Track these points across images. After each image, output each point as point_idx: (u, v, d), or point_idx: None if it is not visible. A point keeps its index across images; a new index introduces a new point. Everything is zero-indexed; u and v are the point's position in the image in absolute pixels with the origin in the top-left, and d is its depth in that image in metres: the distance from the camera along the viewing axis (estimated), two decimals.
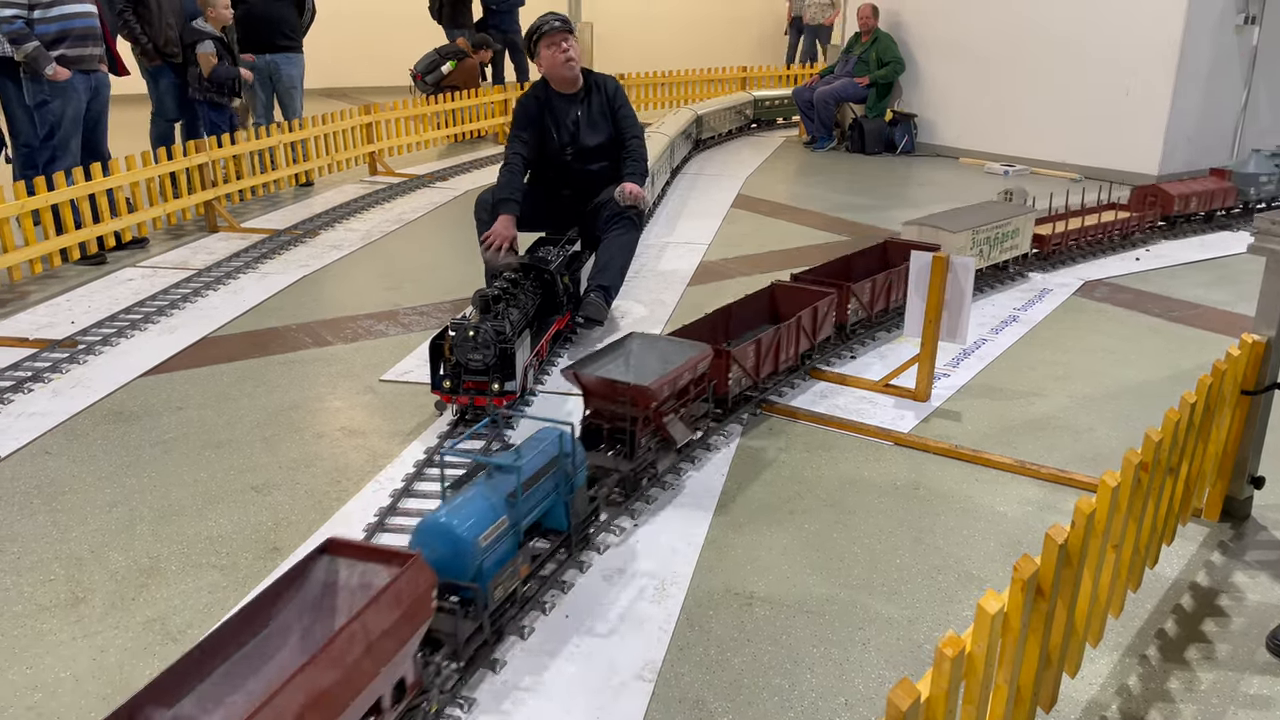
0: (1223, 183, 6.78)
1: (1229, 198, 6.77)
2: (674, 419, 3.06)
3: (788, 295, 4.16)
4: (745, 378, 3.55)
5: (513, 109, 4.71)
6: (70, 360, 4.14)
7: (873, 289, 4.32)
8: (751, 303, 4.06)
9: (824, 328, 4.04)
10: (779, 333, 3.67)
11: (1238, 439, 2.88)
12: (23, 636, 2.42)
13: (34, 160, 5.68)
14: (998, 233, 5.11)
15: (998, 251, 5.19)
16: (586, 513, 2.70)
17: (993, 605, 1.58)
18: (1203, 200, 6.59)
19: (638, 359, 3.23)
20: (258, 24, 7.60)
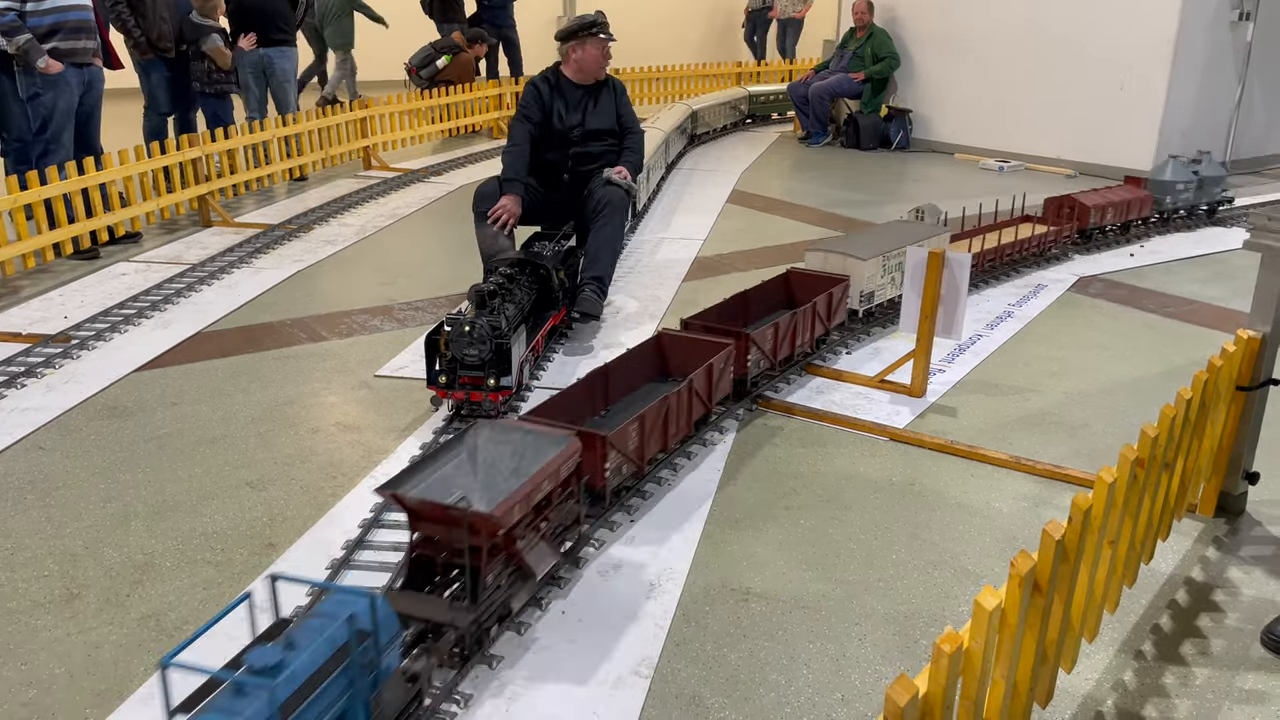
0: (1139, 191, 6.28)
1: (1145, 207, 6.30)
2: (533, 540, 2.40)
3: (678, 348, 3.58)
4: (627, 463, 2.88)
5: (522, 90, 4.77)
6: (64, 355, 4.13)
7: (776, 336, 3.72)
8: (635, 359, 3.49)
9: (719, 387, 3.40)
10: (666, 405, 3.05)
11: (1233, 435, 2.89)
12: (17, 633, 2.41)
13: (27, 154, 5.65)
14: None
15: None
16: (403, 703, 1.97)
17: (990, 601, 1.58)
18: (1119, 211, 6.08)
19: (486, 462, 2.51)
20: (251, 17, 7.59)
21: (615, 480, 2.84)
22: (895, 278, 4.50)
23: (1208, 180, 6.58)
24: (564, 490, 2.54)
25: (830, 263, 4.33)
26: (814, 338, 4.01)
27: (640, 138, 4.93)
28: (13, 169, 5.65)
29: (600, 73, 4.77)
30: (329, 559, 2.70)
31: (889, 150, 9.93)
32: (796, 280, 4.29)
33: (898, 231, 4.70)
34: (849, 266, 4.26)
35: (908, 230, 4.73)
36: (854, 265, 4.25)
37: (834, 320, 4.14)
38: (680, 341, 3.57)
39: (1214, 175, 6.64)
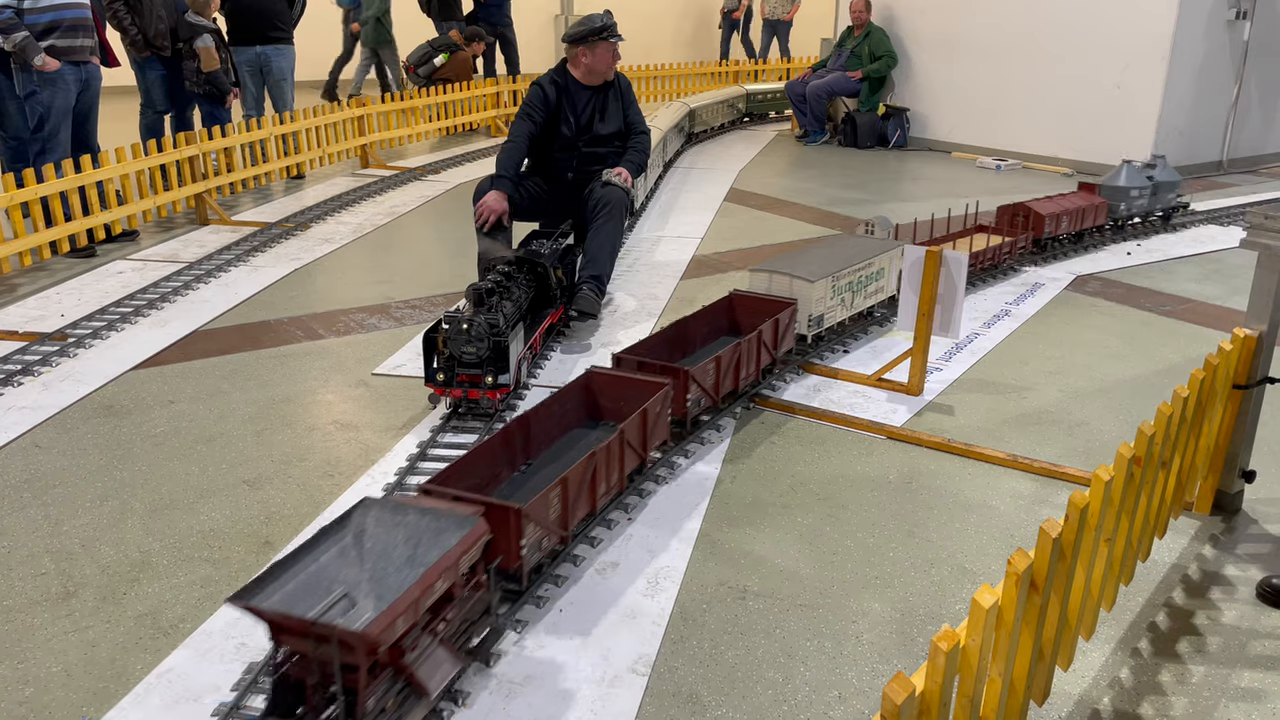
0: (1093, 198, 6.02)
1: (1100, 215, 6.02)
2: (428, 648, 2.00)
3: (610, 388, 3.18)
4: (549, 536, 2.49)
5: (528, 89, 4.74)
6: (60, 353, 4.12)
7: (718, 370, 3.38)
8: (561, 402, 3.06)
9: (655, 432, 3.04)
10: (593, 462, 2.65)
11: (1229, 433, 2.89)
12: (13, 631, 2.41)
13: (24, 152, 5.64)
14: (861, 276, 4.24)
15: (861, 297, 4.31)
16: None
17: (987, 600, 1.58)
18: (1074, 219, 5.83)
19: (375, 550, 2.10)
20: (248, 15, 7.58)
21: (534, 557, 2.42)
22: (846, 299, 4.19)
23: (1162, 185, 6.34)
24: (469, 581, 2.13)
25: (776, 285, 4.00)
26: (760, 368, 3.67)
27: (645, 139, 4.92)
28: (9, 167, 5.64)
29: (609, 74, 4.75)
30: None
31: (886, 149, 9.93)
32: (741, 304, 3.97)
33: (847, 248, 4.39)
34: (796, 289, 3.95)
35: (857, 247, 4.42)
36: (802, 287, 3.94)
37: (781, 348, 3.80)
38: (612, 381, 3.17)
39: (1168, 180, 6.40)
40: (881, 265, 4.41)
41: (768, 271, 4.03)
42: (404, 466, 3.16)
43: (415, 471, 3.14)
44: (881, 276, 4.43)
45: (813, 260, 4.16)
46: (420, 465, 3.17)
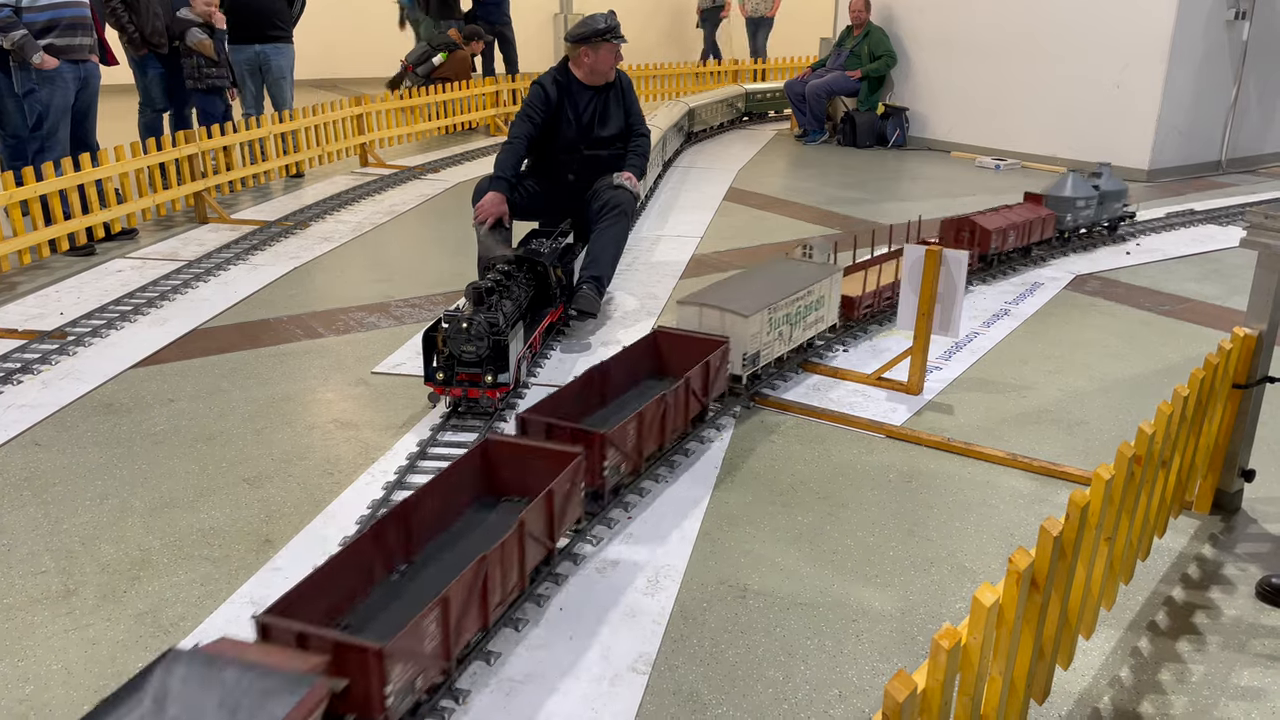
0: (1040, 210, 5.69)
1: (1048, 227, 5.70)
2: None
3: (511, 460, 2.67)
4: (426, 673, 2.02)
5: (529, 88, 4.72)
6: (60, 352, 4.12)
7: (640, 429, 2.91)
8: (454, 479, 2.55)
9: (566, 514, 2.55)
10: (483, 570, 2.16)
11: (1229, 432, 2.89)
12: (13, 629, 2.40)
13: (22, 150, 5.64)
14: (799, 306, 3.84)
15: (800, 329, 3.91)
16: None
17: (988, 598, 1.58)
18: (1021, 232, 5.48)
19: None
20: (248, 13, 7.56)
21: (403, 704, 1.95)
22: (784, 332, 3.78)
23: (1109, 195, 6.06)
24: None
25: (707, 320, 3.59)
26: (689, 419, 3.30)
27: (646, 140, 4.90)
28: (9, 165, 5.64)
29: (611, 75, 4.73)
30: (326, 555, 2.69)
31: (885, 148, 9.93)
32: (666, 343, 3.57)
33: (782, 275, 3.98)
34: (729, 325, 3.55)
35: (794, 274, 3.99)
36: (735, 323, 3.54)
37: (712, 393, 3.40)
38: (514, 451, 2.67)
39: (1115, 189, 6.12)
40: (822, 293, 3.99)
41: (697, 305, 3.62)
42: (404, 465, 3.16)
43: (415, 470, 3.14)
44: (822, 305, 4.02)
45: (746, 291, 3.75)
46: (420, 464, 3.17)
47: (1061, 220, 5.80)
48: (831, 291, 4.09)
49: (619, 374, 3.39)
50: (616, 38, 4.64)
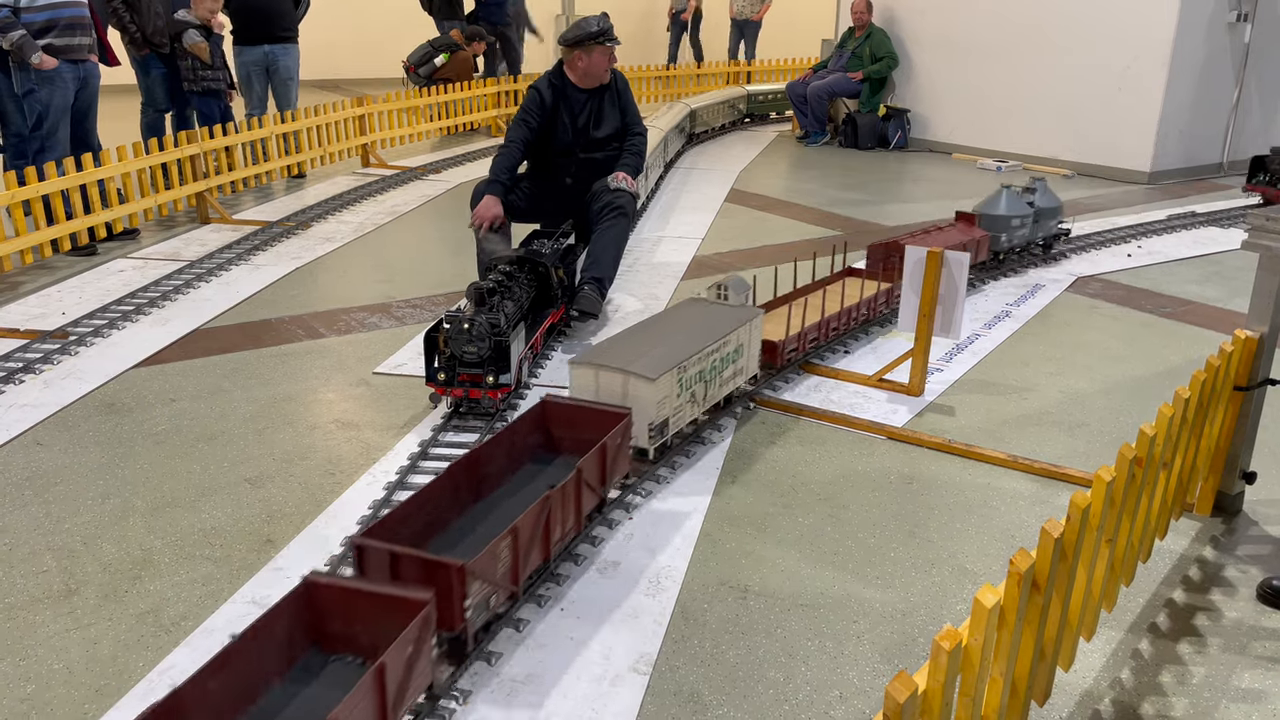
0: (974, 231, 5.24)
1: (982, 249, 5.22)
2: None
3: (339, 608, 2.02)
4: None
5: (525, 92, 4.72)
6: (62, 351, 4.12)
7: (515, 550, 2.28)
8: (270, 630, 1.93)
9: (412, 682, 1.91)
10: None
11: (1230, 435, 2.89)
12: (15, 628, 2.41)
13: (23, 150, 5.64)
14: (715, 360, 3.29)
15: (717, 385, 3.34)
16: None
17: (989, 599, 1.59)
18: None
19: None
20: (254, 15, 7.56)
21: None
22: (698, 392, 3.18)
23: (1044, 212, 5.64)
24: None
25: (606, 384, 2.97)
26: (583, 518, 2.65)
27: (642, 139, 4.89)
28: (10, 165, 5.64)
29: (605, 78, 4.72)
30: (327, 555, 2.70)
31: (887, 150, 9.94)
32: (557, 415, 2.91)
33: (693, 323, 3.39)
34: (632, 390, 2.97)
35: (707, 318, 3.43)
36: (639, 388, 2.96)
37: (613, 479, 2.78)
38: (343, 598, 2.02)
39: (1050, 206, 5.68)
40: (740, 341, 3.42)
41: (593, 366, 3.00)
42: (405, 465, 3.16)
43: (417, 471, 3.14)
44: (740, 355, 3.45)
45: (651, 345, 3.17)
46: (421, 464, 3.18)
47: (996, 241, 5.32)
48: (751, 338, 3.53)
49: (498, 459, 2.73)
50: (610, 40, 4.62)
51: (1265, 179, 7.35)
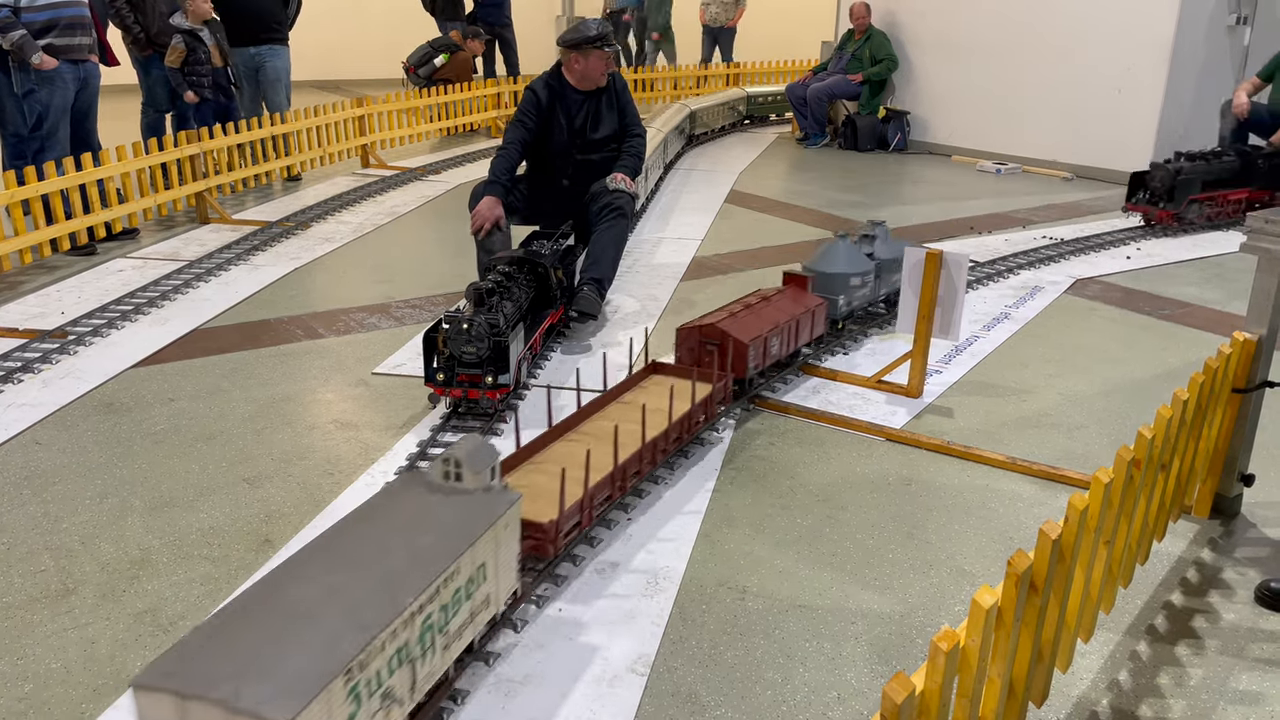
0: (807, 298, 3.97)
1: (819, 321, 4.01)
2: None
3: None
4: None
5: (522, 93, 4.72)
6: (61, 351, 4.12)
7: None
8: None
9: None
10: None
11: (1228, 437, 2.89)
12: (12, 628, 2.41)
13: (22, 150, 5.64)
14: (432, 614, 1.86)
15: (439, 652, 1.92)
16: None
17: (987, 600, 1.59)
18: (788, 337, 3.80)
19: None
20: (241, 16, 7.48)
21: None
22: (399, 684, 1.77)
23: (886, 265, 4.51)
24: None
25: None
26: None
27: (641, 141, 4.87)
28: (9, 165, 5.64)
29: (602, 81, 4.70)
30: None
31: (886, 152, 9.94)
32: None
33: (392, 547, 1.92)
34: None
35: (418, 531, 1.98)
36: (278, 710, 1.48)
37: None
38: None
39: (893, 257, 4.52)
40: (479, 559, 2.02)
41: (173, 695, 1.52)
42: (404, 465, 3.16)
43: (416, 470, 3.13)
44: (481, 582, 2.05)
45: (295, 625, 1.66)
46: (420, 464, 3.18)
47: (834, 307, 4.22)
48: (500, 548, 2.12)
49: None
50: (608, 45, 4.61)
51: (1146, 197, 6.72)
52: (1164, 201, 6.58)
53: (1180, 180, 6.52)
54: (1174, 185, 6.52)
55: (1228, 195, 6.85)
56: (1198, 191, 6.62)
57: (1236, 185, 6.87)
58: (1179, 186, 6.52)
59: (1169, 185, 6.54)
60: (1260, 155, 6.93)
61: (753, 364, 3.59)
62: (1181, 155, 6.67)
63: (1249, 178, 6.90)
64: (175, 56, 6.75)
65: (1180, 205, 6.54)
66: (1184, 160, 6.63)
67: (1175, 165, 6.57)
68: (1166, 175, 6.56)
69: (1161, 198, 6.59)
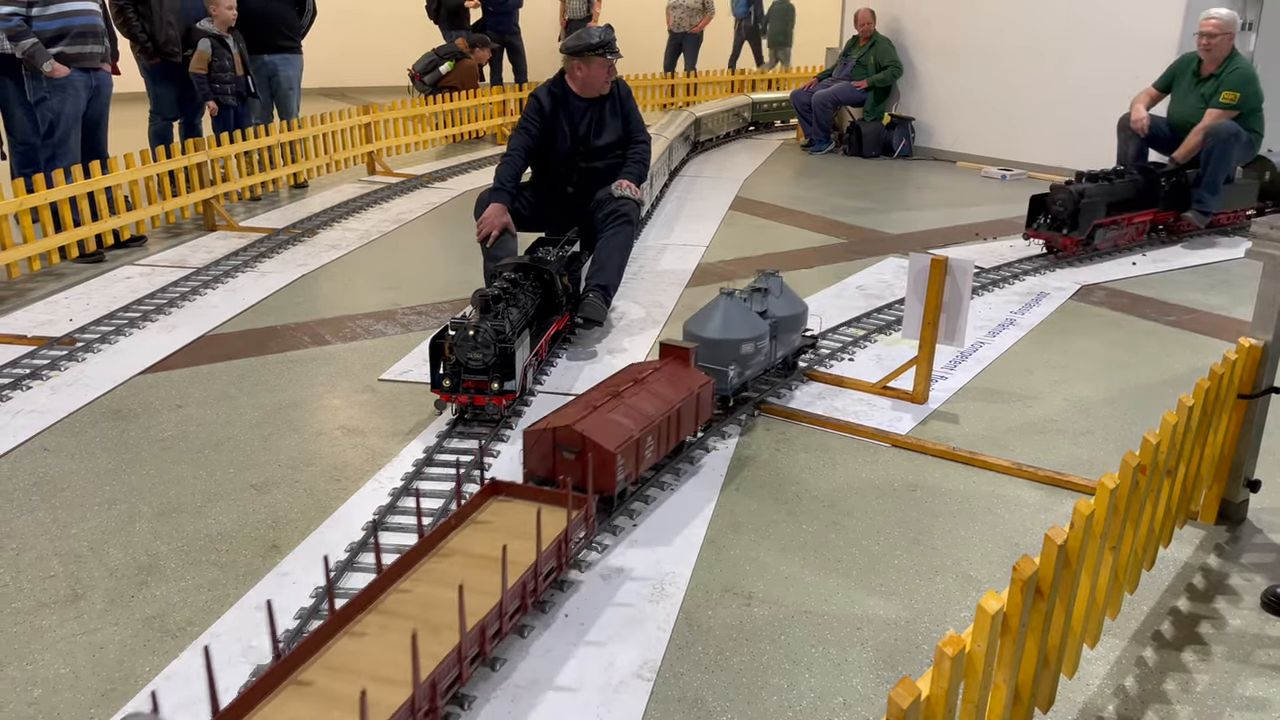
0: (690, 376, 3.22)
1: (704, 406, 3.25)
2: None
3: None
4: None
5: (526, 100, 4.71)
6: (69, 358, 4.14)
7: None
8: None
9: None
10: None
11: (1234, 442, 2.89)
12: (22, 633, 2.42)
13: (32, 158, 5.68)
14: None
15: None
16: None
17: (992, 605, 1.59)
18: (664, 433, 3.03)
19: None
20: (255, 24, 7.55)
21: None
22: None
23: (783, 323, 3.75)
24: None
25: None
26: None
27: (645, 148, 4.87)
28: (18, 173, 5.67)
29: (605, 88, 4.71)
30: (333, 561, 2.70)
31: (891, 158, 9.95)
32: None
33: None
34: None
35: None
36: None
37: None
38: None
39: (791, 313, 3.79)
40: None
41: None
42: (410, 472, 3.17)
43: (422, 477, 3.15)
44: None
45: None
46: (427, 470, 3.19)
47: (724, 381, 3.49)
48: None
49: None
50: (611, 53, 4.61)
51: (1047, 222, 6.04)
52: (1067, 227, 5.95)
53: (1084, 204, 5.88)
54: (1077, 209, 5.87)
55: (1132, 218, 6.26)
56: (1103, 215, 6.02)
57: (1141, 207, 6.32)
58: (1083, 210, 5.88)
59: (1072, 209, 5.89)
60: (1162, 173, 6.42)
61: (623, 475, 2.83)
62: (1083, 175, 6.12)
63: (1153, 198, 6.36)
64: (202, 62, 6.79)
65: (1085, 231, 5.89)
66: (1086, 181, 6.06)
67: (1078, 187, 5.97)
68: (1069, 198, 5.90)
69: (1065, 223, 5.96)
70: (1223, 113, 6.32)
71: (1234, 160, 6.44)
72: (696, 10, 13.37)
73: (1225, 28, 6.39)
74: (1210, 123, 6.33)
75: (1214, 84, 6.44)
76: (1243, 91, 6.31)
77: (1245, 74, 6.37)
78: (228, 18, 6.87)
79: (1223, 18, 6.39)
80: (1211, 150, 6.32)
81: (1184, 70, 6.72)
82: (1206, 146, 6.34)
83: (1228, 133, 6.27)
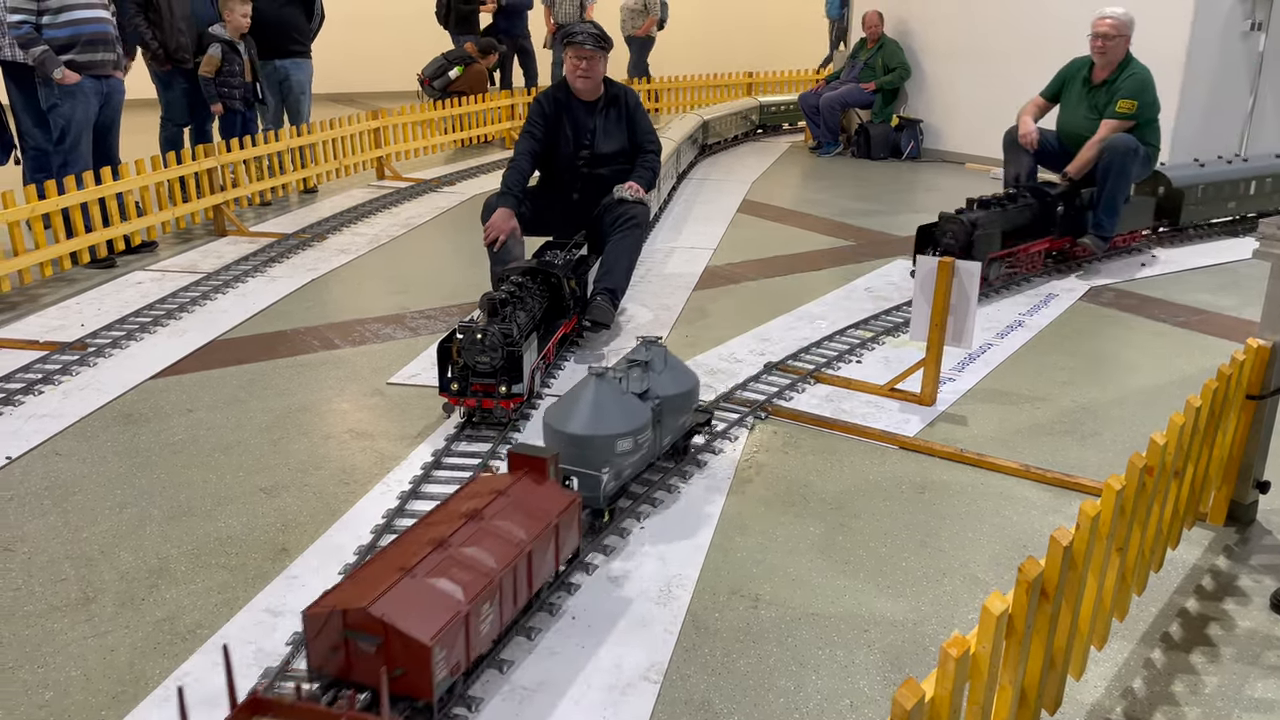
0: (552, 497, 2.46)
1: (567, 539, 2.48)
2: None
3: None
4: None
5: (529, 105, 4.72)
6: (80, 363, 4.17)
7: None
8: None
9: None
10: None
11: (1243, 443, 2.88)
12: (34, 636, 2.44)
13: (45, 164, 5.71)
14: None
15: None
16: None
17: (997, 606, 1.59)
18: (507, 593, 2.22)
19: None
20: (267, 29, 7.62)
21: None
22: None
23: (670, 403, 3.05)
24: None
25: None
26: None
27: (655, 157, 4.81)
28: (30, 178, 5.72)
29: (586, 88, 4.64)
30: (341, 564, 2.72)
31: (899, 160, 9.94)
32: None
33: None
34: None
35: None
36: None
37: None
38: None
39: (680, 390, 3.10)
40: None
41: None
42: (419, 475, 3.18)
43: (430, 480, 3.16)
44: None
45: None
46: (435, 474, 3.20)
47: (595, 489, 2.76)
48: None
49: None
50: (578, 44, 4.53)
51: (937, 255, 4.74)
52: None
53: (979, 235, 5.13)
54: (970, 240, 5.10)
55: (1028, 248, 5.55)
56: (998, 247, 5.31)
57: (1036, 235, 5.59)
58: (977, 242, 5.12)
59: (965, 241, 5.11)
60: (1056, 194, 5.68)
61: (445, 671, 2.00)
62: (974, 202, 5.36)
63: (1048, 224, 5.64)
64: (210, 66, 6.83)
65: (982, 264, 4.21)
66: (978, 209, 5.33)
67: (970, 215, 5.19)
68: (962, 229, 5.13)
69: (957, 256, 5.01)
70: (1119, 123, 5.62)
71: (1133, 178, 5.74)
72: (639, 13, 12.30)
73: (1122, 29, 5.78)
74: (1106, 134, 5.62)
75: (1107, 92, 5.80)
76: (1140, 100, 5.65)
77: (1142, 80, 5.73)
78: (241, 25, 6.92)
79: (1119, 17, 5.75)
80: (1109, 167, 5.57)
81: (1074, 76, 6.05)
82: (1103, 162, 5.59)
83: (1126, 147, 5.55)
